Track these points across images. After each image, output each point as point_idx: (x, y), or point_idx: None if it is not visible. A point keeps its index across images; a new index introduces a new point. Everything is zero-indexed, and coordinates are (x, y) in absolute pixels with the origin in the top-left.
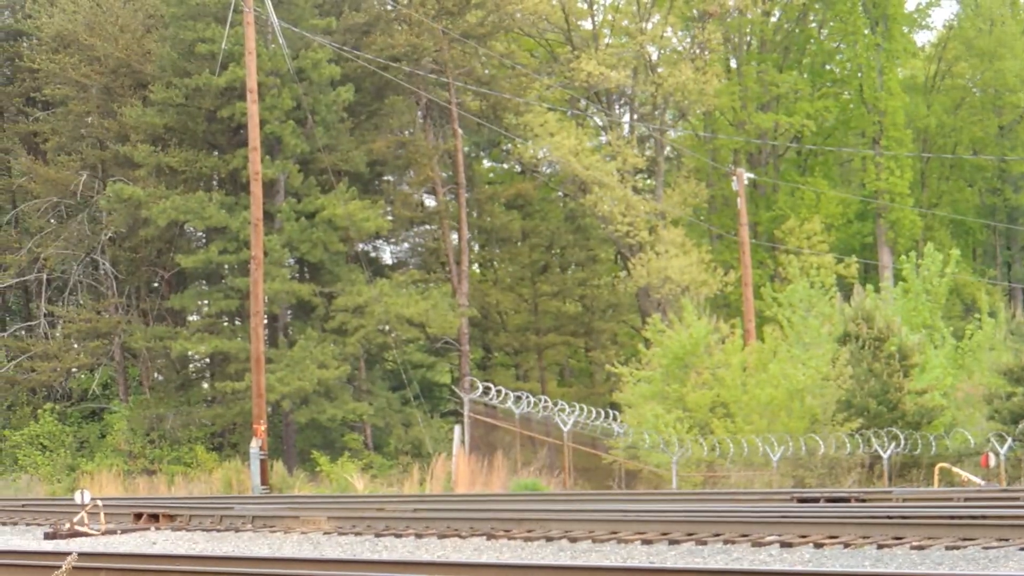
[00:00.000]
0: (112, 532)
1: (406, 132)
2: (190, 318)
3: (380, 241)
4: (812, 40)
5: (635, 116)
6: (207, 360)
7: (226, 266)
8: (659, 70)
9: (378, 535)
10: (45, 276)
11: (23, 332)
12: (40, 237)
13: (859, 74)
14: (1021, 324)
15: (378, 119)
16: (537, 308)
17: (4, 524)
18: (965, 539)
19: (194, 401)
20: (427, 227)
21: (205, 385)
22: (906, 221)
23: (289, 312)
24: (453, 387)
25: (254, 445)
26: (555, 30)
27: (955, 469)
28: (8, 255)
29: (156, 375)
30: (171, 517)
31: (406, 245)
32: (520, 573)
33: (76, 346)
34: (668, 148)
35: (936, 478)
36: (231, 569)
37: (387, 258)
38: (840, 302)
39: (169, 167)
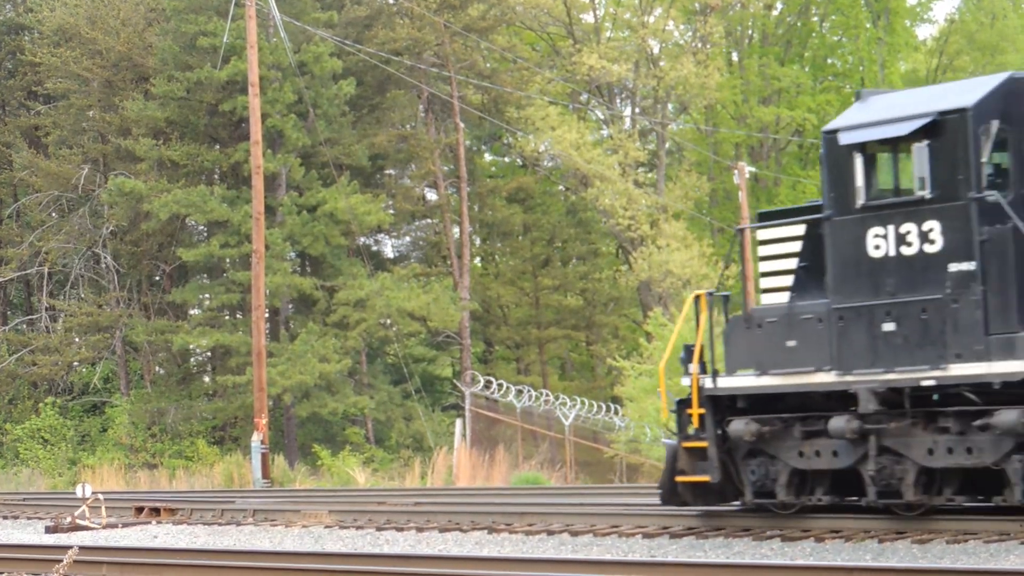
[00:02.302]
0: (113, 526)
1: (408, 126)
2: (191, 312)
3: (381, 235)
4: (814, 34)
5: (637, 110)
6: (208, 354)
7: (227, 260)
8: (661, 64)
9: (379, 529)
10: (46, 270)
11: (24, 326)
12: (41, 231)
13: (861, 68)
14: None
15: (380, 113)
16: (538, 302)
17: (5, 518)
18: (966, 533)
19: (195, 395)
20: (428, 221)
21: (206, 379)
22: None
23: (290, 306)
24: (454, 381)
25: (255, 439)
26: (557, 24)
27: None
28: (9, 249)
29: (157, 369)
30: (172, 511)
31: (407, 239)
32: (522, 567)
33: (77, 340)
34: (669, 142)
35: None
36: (232, 563)
37: (388, 252)
38: None
39: (170, 161)
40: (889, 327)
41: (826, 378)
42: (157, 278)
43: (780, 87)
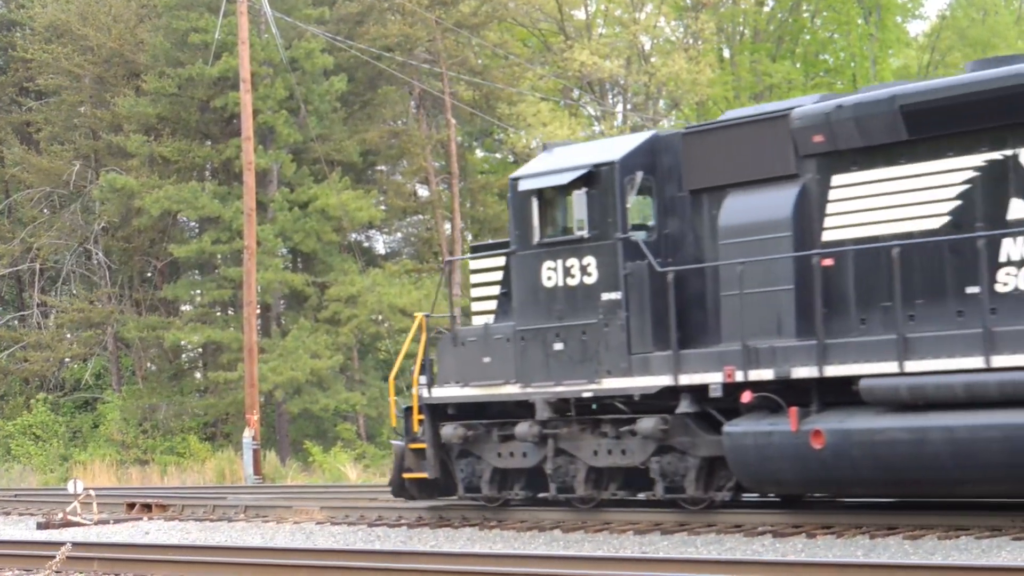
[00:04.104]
0: (105, 522)
1: (399, 122)
2: (183, 308)
3: (373, 231)
4: (805, 30)
5: (628, 106)
6: (200, 350)
7: (219, 256)
8: (652, 60)
9: (371, 525)
10: (38, 266)
11: (16, 322)
12: (33, 227)
13: (852, 64)
14: None
15: (371, 109)
16: None
17: None
18: (958, 528)
19: (187, 391)
20: (420, 217)
21: (198, 375)
22: None
23: (282, 302)
24: None
25: (247, 435)
26: (548, 20)
27: None
28: (1, 245)
29: (149, 365)
30: (164, 507)
31: (399, 235)
32: (513, 563)
33: (69, 336)
34: None
35: None
36: (224, 559)
37: (380, 248)
38: None
39: (162, 157)
40: (558, 346)
41: (512, 389)
42: (149, 274)
43: (772, 83)
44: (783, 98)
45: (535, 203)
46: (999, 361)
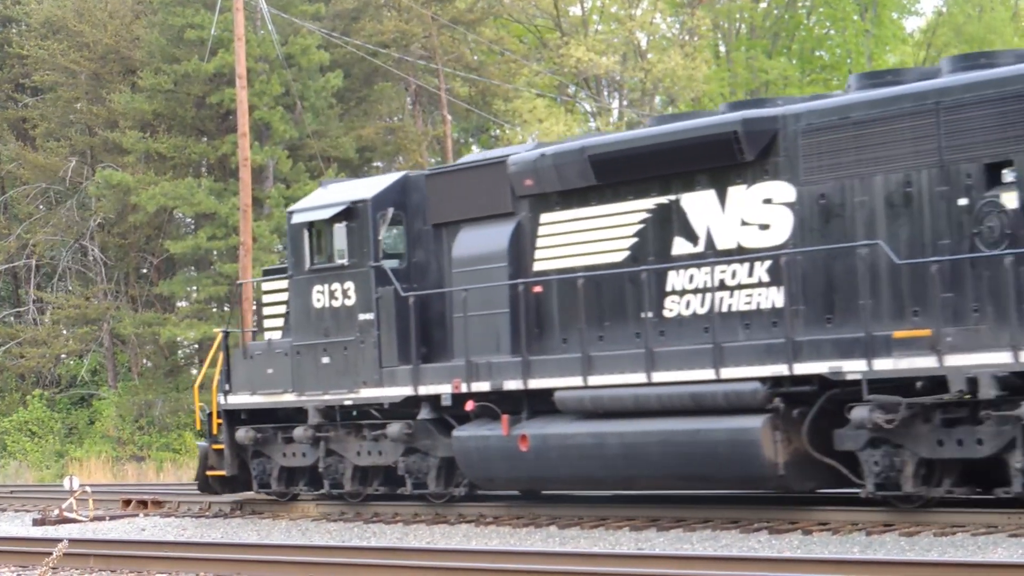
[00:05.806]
0: (101, 518)
1: (395, 118)
2: (179, 304)
3: None
4: (801, 26)
5: (624, 102)
6: (196, 346)
7: (215, 252)
8: (648, 56)
9: (367, 522)
10: (34, 262)
11: (12, 318)
12: (29, 223)
13: (848, 60)
14: None
15: (367, 105)
16: None
17: None
18: (954, 526)
19: (183, 387)
20: None
21: (194, 371)
22: None
23: None
24: None
25: None
26: (544, 16)
27: None
28: None
29: (145, 361)
30: (160, 503)
31: None
32: (509, 559)
33: (65, 332)
34: None
35: None
36: (219, 556)
37: None
38: None
39: (158, 153)
40: (326, 360)
41: (290, 398)
42: (144, 270)
43: (768, 80)
44: (779, 94)
45: (306, 234)
46: (658, 377)
